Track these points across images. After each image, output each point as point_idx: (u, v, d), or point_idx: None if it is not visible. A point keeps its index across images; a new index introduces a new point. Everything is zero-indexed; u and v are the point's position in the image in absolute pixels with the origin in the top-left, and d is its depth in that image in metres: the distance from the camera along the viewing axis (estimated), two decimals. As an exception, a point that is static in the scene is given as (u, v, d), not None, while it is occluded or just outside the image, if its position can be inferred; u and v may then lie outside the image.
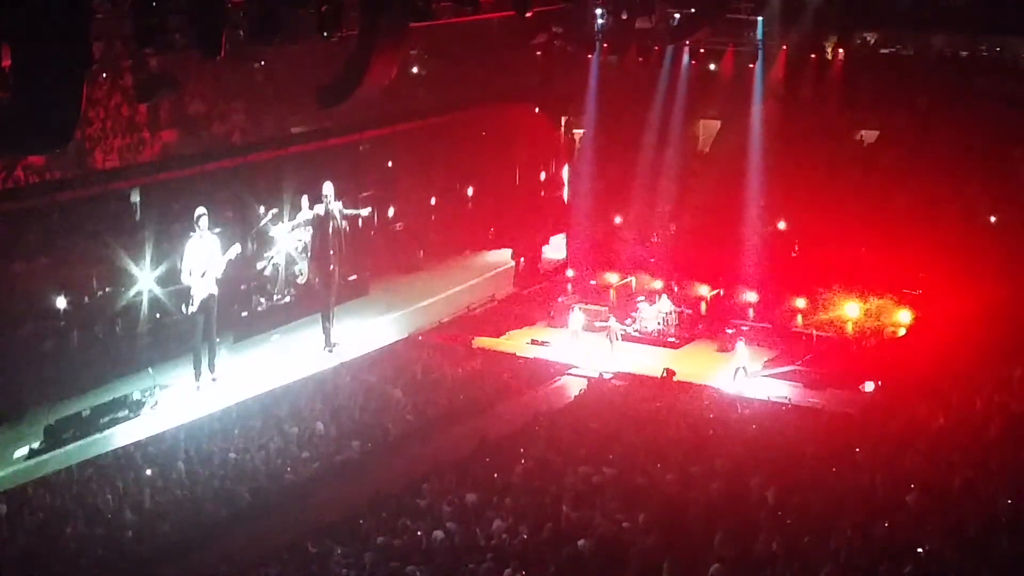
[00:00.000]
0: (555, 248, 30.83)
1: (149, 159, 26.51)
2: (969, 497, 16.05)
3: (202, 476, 18.66)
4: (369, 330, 25.39)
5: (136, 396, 21.14)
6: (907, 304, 26.36)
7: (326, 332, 24.17)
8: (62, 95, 12.70)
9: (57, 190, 23.81)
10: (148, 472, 18.66)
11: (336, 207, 24.04)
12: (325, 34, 17.71)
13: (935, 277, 26.58)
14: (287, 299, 25.64)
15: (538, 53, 36.09)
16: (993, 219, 28.83)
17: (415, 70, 33.24)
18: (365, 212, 26.26)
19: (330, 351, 24.07)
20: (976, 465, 17.24)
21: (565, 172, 31.10)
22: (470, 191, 32.75)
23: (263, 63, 27.85)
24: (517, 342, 26.21)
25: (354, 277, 26.77)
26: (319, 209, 23.99)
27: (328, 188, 24.02)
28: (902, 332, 25.84)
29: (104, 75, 24.98)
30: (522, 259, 28.80)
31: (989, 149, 29.81)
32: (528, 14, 21.65)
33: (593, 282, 29.18)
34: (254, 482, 18.65)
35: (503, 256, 31.05)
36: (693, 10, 30.02)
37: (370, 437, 20.51)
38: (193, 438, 19.96)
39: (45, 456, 19.66)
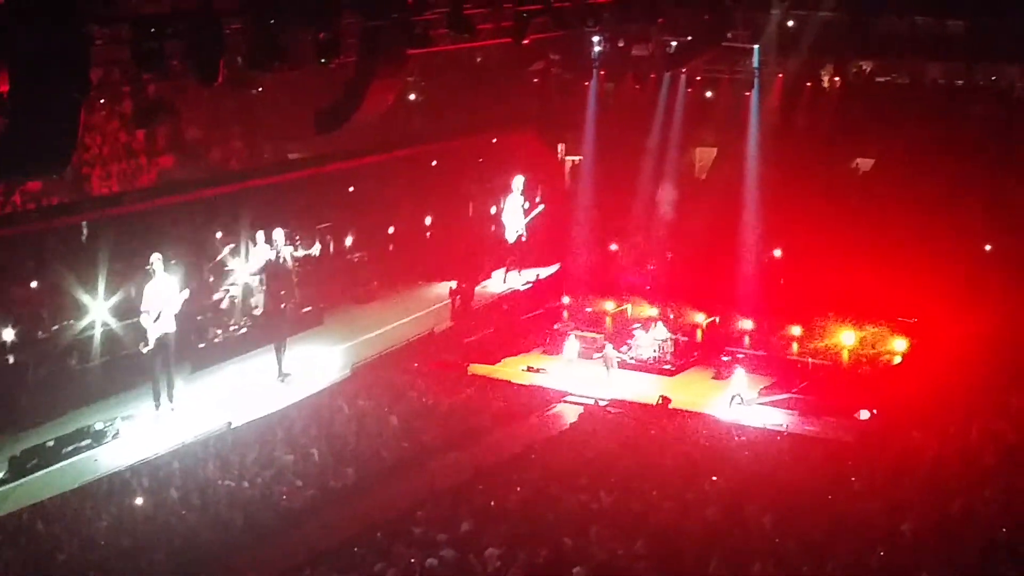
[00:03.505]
0: (495, 283, 30.48)
1: (146, 185, 26.59)
2: (965, 525, 16.05)
3: (197, 503, 18.61)
4: (319, 360, 25.24)
5: (99, 426, 21.04)
6: (903, 332, 26.34)
7: (279, 362, 24.26)
8: (60, 121, 12.74)
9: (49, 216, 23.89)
10: (142, 499, 18.60)
11: (287, 252, 24.28)
12: (323, 60, 17.78)
13: (931, 305, 26.57)
14: (243, 330, 25.62)
15: (535, 80, 36.29)
16: (988, 247, 28.91)
17: (412, 97, 33.36)
18: (315, 251, 26.42)
19: (282, 380, 24.11)
20: (972, 493, 17.23)
21: (505, 212, 30.67)
22: (428, 221, 32.63)
23: (261, 89, 27.95)
24: (512, 369, 26.17)
25: (308, 309, 26.71)
26: (270, 254, 24.22)
27: (278, 234, 24.18)
28: (898, 360, 25.82)
29: (102, 101, 25.07)
30: (457, 296, 28.55)
31: (985, 177, 29.91)
32: (525, 41, 21.78)
33: (589, 309, 29.16)
34: (249, 509, 18.59)
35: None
36: (690, 38, 30.13)
37: (365, 464, 20.46)
38: (187, 465, 19.92)
39: (11, 485, 19.58)
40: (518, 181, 30.22)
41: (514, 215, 30.27)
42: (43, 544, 17.31)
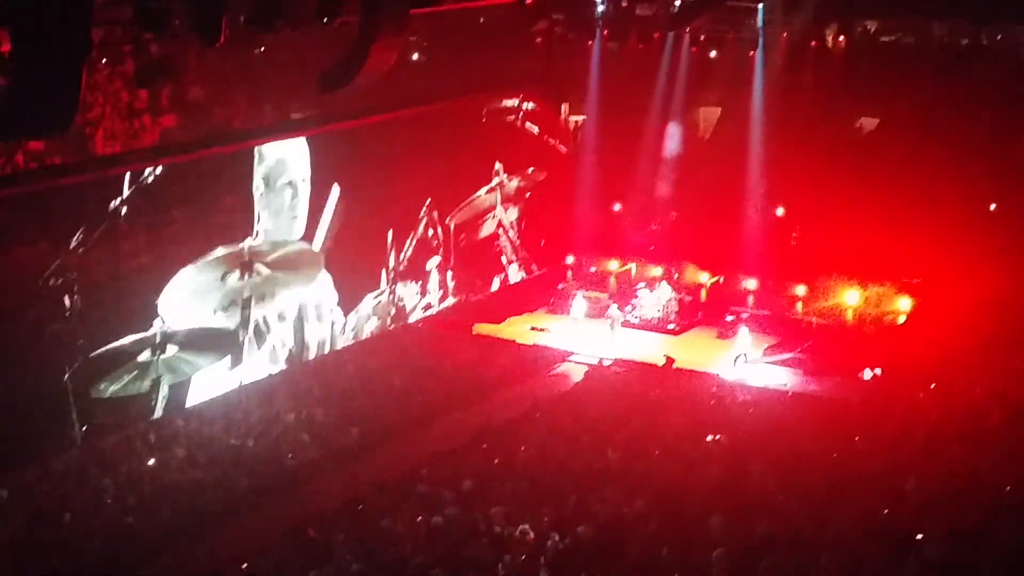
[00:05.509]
0: None
1: (149, 144, 26.47)
2: (969, 485, 16.07)
3: (202, 463, 18.67)
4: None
5: None
6: (907, 292, 26.34)
7: None
8: (62, 80, 12.68)
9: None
10: (148, 459, 18.65)
11: None
12: (325, 20, 17.67)
13: (935, 265, 26.54)
14: None
15: (538, 40, 36.10)
16: (993, 207, 28.83)
17: (415, 57, 33.16)
18: None
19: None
20: (976, 453, 17.26)
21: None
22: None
23: (263, 49, 27.78)
24: (518, 328, 26.21)
25: None
26: None
27: None
28: (902, 320, 25.83)
29: (104, 60, 24.94)
30: None
31: (989, 137, 29.79)
32: (528, 1, 21.62)
33: (593, 269, 29.15)
34: (254, 468, 18.67)
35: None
36: (693, -3, 29.97)
37: (370, 423, 20.52)
38: (193, 424, 19.96)
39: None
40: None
41: None
42: (51, 503, 17.38)
